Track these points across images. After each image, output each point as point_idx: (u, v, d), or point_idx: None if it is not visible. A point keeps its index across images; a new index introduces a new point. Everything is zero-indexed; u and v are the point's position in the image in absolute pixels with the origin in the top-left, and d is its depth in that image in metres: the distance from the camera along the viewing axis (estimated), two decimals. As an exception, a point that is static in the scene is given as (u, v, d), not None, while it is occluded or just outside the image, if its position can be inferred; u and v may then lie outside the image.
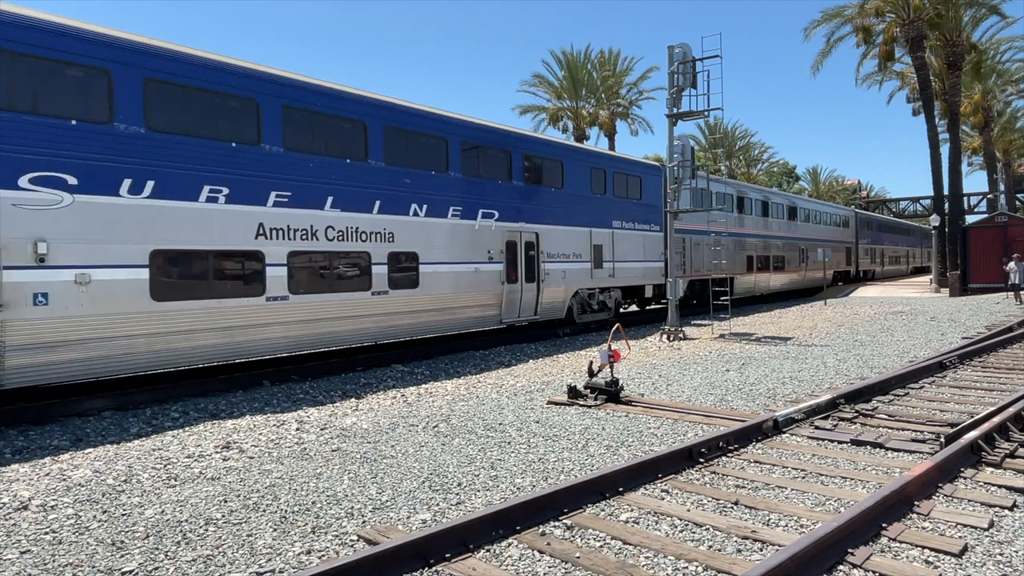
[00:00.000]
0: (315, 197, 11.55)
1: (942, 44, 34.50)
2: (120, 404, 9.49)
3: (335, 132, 12.02)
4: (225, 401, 9.88)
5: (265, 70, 10.99)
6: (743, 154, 65.46)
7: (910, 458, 6.33)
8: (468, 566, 4.24)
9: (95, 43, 8.95)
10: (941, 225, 34.82)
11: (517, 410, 8.82)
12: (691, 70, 16.94)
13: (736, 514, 5.08)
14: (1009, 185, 57.69)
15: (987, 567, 4.18)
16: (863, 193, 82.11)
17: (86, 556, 4.58)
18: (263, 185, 10.77)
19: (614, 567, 4.19)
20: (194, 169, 9.94)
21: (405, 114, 13.30)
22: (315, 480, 6.07)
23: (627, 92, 43.66)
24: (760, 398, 9.33)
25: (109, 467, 6.66)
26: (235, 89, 10.49)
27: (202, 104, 10.16)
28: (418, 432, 7.78)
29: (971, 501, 5.21)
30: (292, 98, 11.23)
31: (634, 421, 8.06)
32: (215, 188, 10.17)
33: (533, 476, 6.09)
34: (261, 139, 10.77)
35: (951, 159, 35.15)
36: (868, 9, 32.99)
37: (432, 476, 6.11)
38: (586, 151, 19.23)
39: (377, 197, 12.63)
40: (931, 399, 8.96)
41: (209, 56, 10.29)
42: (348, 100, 12.20)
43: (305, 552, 4.58)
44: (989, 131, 49.49)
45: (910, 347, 14.27)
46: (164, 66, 9.65)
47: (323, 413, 9.07)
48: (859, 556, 4.24)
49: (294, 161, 11.22)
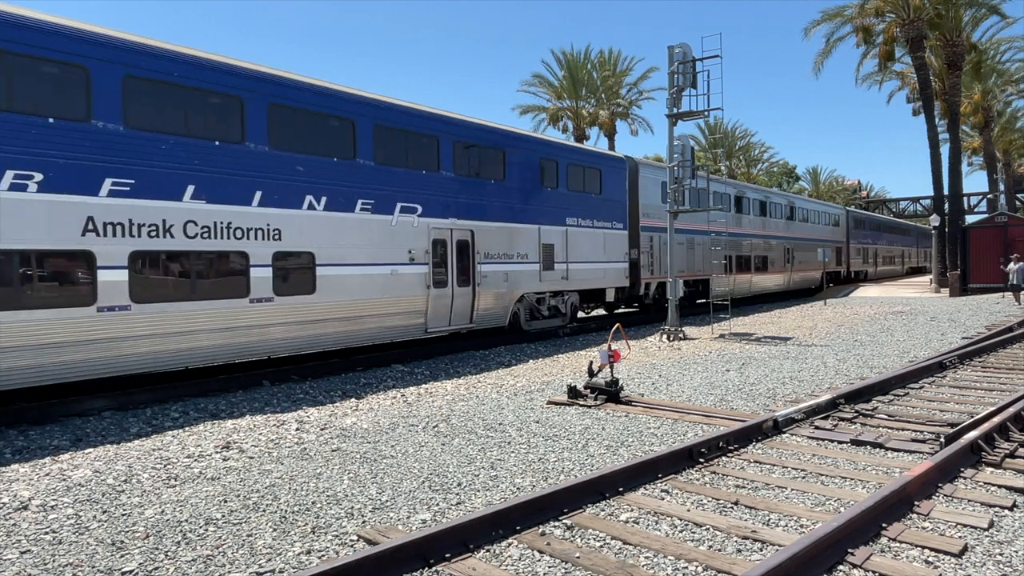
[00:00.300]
0: (170, 185, 9.71)
1: (942, 44, 34.51)
2: (120, 404, 9.48)
3: (199, 109, 10.18)
4: (225, 401, 9.88)
5: (95, 30, 9.15)
6: (743, 154, 65.48)
7: (910, 458, 6.33)
8: (468, 566, 4.24)
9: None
10: (941, 225, 34.83)
11: (517, 410, 8.82)
12: (691, 70, 16.94)
13: (736, 514, 5.08)
14: (1009, 185, 57.70)
15: (987, 567, 4.18)
16: (863, 193, 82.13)
17: (86, 556, 4.58)
18: (94, 171, 8.97)
19: (614, 567, 4.19)
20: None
21: (298, 90, 11.43)
22: (315, 480, 6.07)
23: (627, 92, 43.69)
24: (760, 398, 9.33)
25: (109, 467, 6.66)
26: (55, 53, 8.66)
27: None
28: (418, 432, 7.78)
29: (971, 501, 5.21)
30: (138, 65, 9.43)
31: (634, 421, 8.06)
32: (22, 174, 8.35)
33: (533, 476, 6.09)
34: (92, 114, 8.96)
35: (951, 159, 35.17)
36: (868, 9, 32.99)
37: (432, 476, 6.11)
38: (535, 139, 17.11)
39: (258, 187, 10.74)
40: (931, 399, 8.96)
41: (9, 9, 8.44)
42: (219, 71, 10.38)
43: (305, 552, 4.58)
44: (989, 131, 49.51)
45: (910, 347, 14.27)
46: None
47: (323, 413, 9.07)
48: (859, 556, 4.24)
49: (138, 141, 9.40)
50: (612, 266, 19.14)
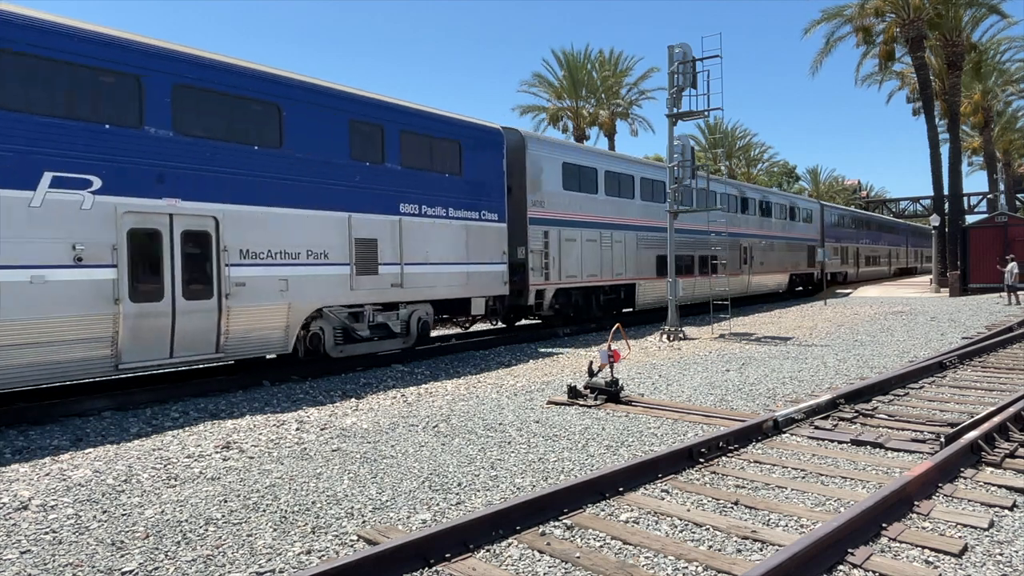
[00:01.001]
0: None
1: (942, 44, 34.53)
2: (120, 404, 9.48)
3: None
4: (225, 401, 9.88)
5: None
6: (743, 154, 65.53)
7: (910, 458, 6.33)
8: (468, 566, 4.24)
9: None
10: (941, 225, 34.84)
11: (517, 410, 8.82)
12: (691, 70, 16.95)
13: (736, 514, 5.08)
14: (1009, 185, 57.72)
15: (987, 567, 4.18)
16: (863, 193, 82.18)
17: (86, 556, 4.58)
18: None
19: (614, 567, 4.19)
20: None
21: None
22: (315, 480, 6.07)
23: (627, 92, 43.74)
24: (760, 398, 9.33)
25: (109, 467, 6.66)
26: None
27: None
28: (418, 432, 7.78)
29: (971, 501, 5.20)
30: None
31: (634, 421, 8.06)
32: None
33: (533, 476, 6.09)
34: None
35: (951, 159, 35.18)
36: (868, 9, 33.00)
37: (432, 476, 6.11)
38: (337, 93, 12.01)
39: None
40: (931, 399, 8.96)
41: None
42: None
43: (305, 552, 4.58)
44: (989, 131, 49.53)
45: (910, 347, 14.27)
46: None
47: (323, 413, 9.07)
48: (859, 556, 4.24)
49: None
50: (481, 269, 14.73)
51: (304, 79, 11.56)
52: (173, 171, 9.73)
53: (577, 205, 18.35)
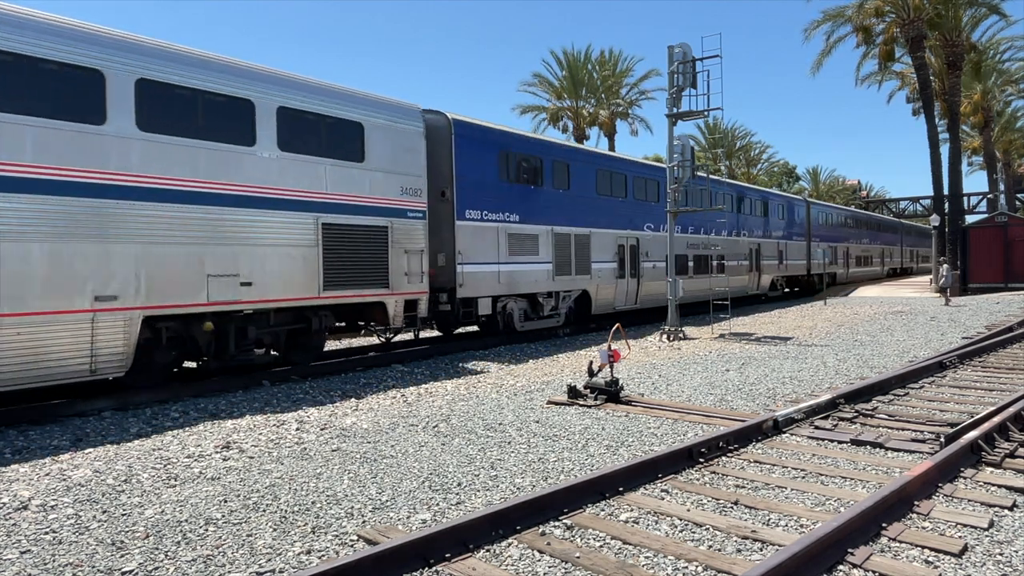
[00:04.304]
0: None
1: (942, 44, 34.54)
2: (120, 404, 9.48)
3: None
4: (225, 401, 9.88)
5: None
6: (743, 154, 65.54)
7: (910, 458, 6.33)
8: (468, 566, 4.24)
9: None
10: (941, 225, 34.84)
11: (517, 410, 8.82)
12: (691, 70, 16.95)
13: (736, 514, 5.08)
14: (1009, 185, 57.74)
15: (987, 567, 4.18)
16: (863, 193, 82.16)
17: (86, 556, 4.58)
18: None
19: (614, 567, 4.20)
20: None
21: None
22: (315, 480, 6.07)
23: (627, 92, 43.75)
24: (760, 398, 9.33)
25: (109, 467, 6.66)
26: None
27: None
28: (418, 432, 7.78)
29: (971, 501, 5.21)
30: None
31: (634, 421, 8.06)
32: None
33: (533, 476, 6.09)
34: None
35: (951, 159, 35.19)
36: (868, 9, 33.00)
37: (432, 476, 6.11)
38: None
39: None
40: (931, 399, 8.96)
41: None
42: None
43: (305, 552, 4.58)
44: (989, 131, 49.54)
45: (910, 347, 14.27)
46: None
47: (323, 413, 9.07)
48: (859, 556, 4.24)
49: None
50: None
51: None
52: None
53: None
